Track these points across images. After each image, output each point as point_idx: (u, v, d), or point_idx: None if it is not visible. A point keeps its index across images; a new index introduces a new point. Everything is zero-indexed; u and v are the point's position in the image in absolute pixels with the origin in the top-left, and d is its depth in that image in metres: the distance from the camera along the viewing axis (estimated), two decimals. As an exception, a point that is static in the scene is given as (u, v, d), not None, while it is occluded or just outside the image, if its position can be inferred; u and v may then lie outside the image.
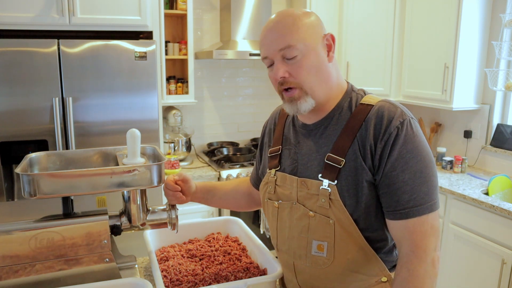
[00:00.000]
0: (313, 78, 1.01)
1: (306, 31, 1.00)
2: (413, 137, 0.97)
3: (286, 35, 0.99)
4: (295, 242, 1.09)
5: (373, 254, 1.04)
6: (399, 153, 0.96)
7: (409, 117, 0.99)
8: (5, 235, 1.12)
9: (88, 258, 1.19)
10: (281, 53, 1.00)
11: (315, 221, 1.04)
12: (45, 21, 2.27)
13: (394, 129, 0.96)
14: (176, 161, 2.88)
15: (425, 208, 0.95)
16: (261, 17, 3.13)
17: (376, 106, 1.01)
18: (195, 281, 1.19)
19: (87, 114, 2.35)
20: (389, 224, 1.00)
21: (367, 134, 0.98)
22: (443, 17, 2.76)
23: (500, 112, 2.89)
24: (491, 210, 2.28)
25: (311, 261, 1.07)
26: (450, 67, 2.74)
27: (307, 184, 1.05)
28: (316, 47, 1.01)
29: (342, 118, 1.04)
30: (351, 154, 0.99)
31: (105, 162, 1.32)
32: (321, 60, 1.02)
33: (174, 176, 1.31)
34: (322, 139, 1.06)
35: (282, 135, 1.18)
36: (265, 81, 3.56)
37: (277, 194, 1.14)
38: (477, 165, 3.00)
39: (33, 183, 1.04)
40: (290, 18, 1.00)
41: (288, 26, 0.99)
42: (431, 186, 0.97)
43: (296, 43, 0.98)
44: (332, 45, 1.04)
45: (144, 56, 2.39)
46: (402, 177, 0.96)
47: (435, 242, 0.96)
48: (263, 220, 2.93)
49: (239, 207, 1.45)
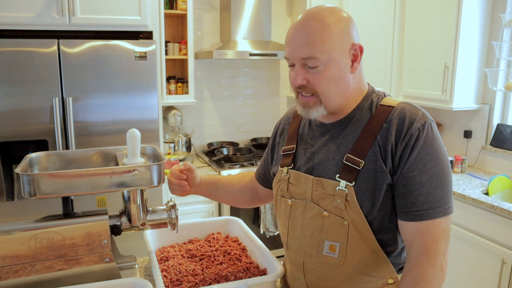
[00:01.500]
0: (331, 89, 1.00)
1: (333, 43, 0.97)
2: (433, 140, 0.97)
3: (311, 46, 0.96)
4: (307, 241, 1.09)
5: (383, 257, 1.04)
6: (418, 155, 0.96)
7: (430, 120, 0.99)
8: (5, 235, 1.12)
9: (88, 258, 1.19)
10: (302, 61, 0.99)
11: (329, 221, 1.04)
12: (45, 21, 2.27)
13: (415, 131, 0.96)
14: (176, 161, 2.88)
15: (439, 211, 0.95)
16: (261, 17, 3.13)
17: (397, 108, 1.01)
18: (195, 281, 1.19)
19: (87, 114, 2.35)
20: (401, 225, 1.00)
21: (388, 135, 0.98)
22: (443, 17, 2.76)
23: (500, 112, 2.89)
24: (491, 210, 2.28)
25: (321, 261, 1.07)
26: (450, 67, 2.74)
27: (323, 184, 1.04)
28: (340, 58, 0.99)
29: (362, 119, 1.04)
30: (371, 156, 0.99)
31: (105, 162, 1.32)
32: (343, 72, 1.00)
33: (179, 165, 1.30)
34: (340, 139, 1.05)
35: (297, 134, 1.17)
36: (265, 81, 3.56)
37: (290, 192, 1.13)
38: (477, 165, 3.00)
39: (33, 183, 1.04)
40: (318, 25, 0.96)
41: (315, 35, 0.96)
42: (447, 190, 0.97)
43: (320, 55, 0.96)
44: (358, 56, 1.02)
45: (144, 56, 2.39)
46: (419, 179, 0.96)
47: (446, 247, 0.96)
48: (263, 220, 2.93)
49: (243, 203, 1.44)
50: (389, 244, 1.04)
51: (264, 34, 3.17)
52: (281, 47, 3.07)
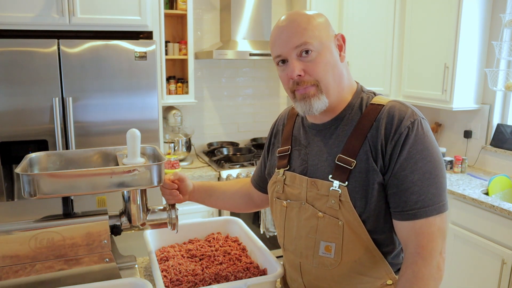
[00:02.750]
0: (328, 76, 1.01)
1: (320, 30, 1.01)
2: (424, 138, 0.96)
3: (302, 33, 0.99)
4: (303, 242, 1.09)
5: (380, 257, 1.04)
6: (409, 153, 0.95)
7: (419, 117, 0.98)
8: (5, 235, 1.12)
9: (88, 258, 1.19)
10: (296, 51, 1.00)
11: (324, 222, 1.04)
12: (45, 21, 2.27)
13: (404, 129, 0.96)
14: (176, 161, 2.88)
15: (433, 209, 0.95)
16: (261, 17, 3.13)
17: (386, 106, 1.01)
18: (195, 281, 1.19)
19: (87, 114, 2.35)
20: (396, 225, 1.00)
21: (378, 134, 0.98)
22: (443, 17, 2.76)
23: (500, 112, 2.89)
24: (491, 210, 2.28)
25: (318, 261, 1.07)
26: (450, 67, 2.74)
27: (317, 184, 1.05)
28: (329, 45, 1.02)
29: (353, 119, 1.04)
30: (362, 155, 0.99)
31: (105, 162, 1.32)
32: (335, 59, 1.03)
33: (170, 176, 1.31)
34: (332, 140, 1.05)
35: (291, 136, 1.17)
36: (265, 81, 3.56)
37: (286, 194, 1.13)
38: (477, 165, 3.00)
39: (33, 183, 1.04)
40: (303, 17, 1.01)
41: (303, 25, 1.00)
42: (440, 188, 0.96)
43: (312, 40, 0.99)
44: (343, 45, 1.05)
45: (144, 56, 2.39)
46: (411, 178, 0.95)
47: (442, 245, 0.96)
48: (263, 220, 2.93)
49: (237, 208, 1.45)
50: (385, 244, 1.04)
51: (264, 34, 3.16)
52: (281, 47, 3.06)
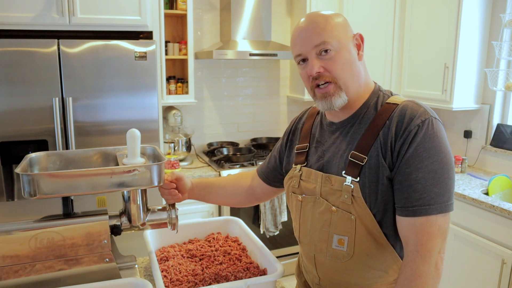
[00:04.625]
0: (347, 73, 1.05)
1: (339, 30, 1.05)
2: (433, 137, 0.97)
3: (321, 33, 1.03)
4: (317, 235, 1.12)
5: (391, 252, 1.06)
6: (415, 151, 0.97)
7: (432, 117, 1.00)
8: (5, 235, 1.12)
9: (88, 258, 1.19)
10: (316, 50, 1.04)
11: (337, 216, 1.07)
12: (45, 21, 2.27)
13: (414, 127, 0.98)
14: (176, 161, 2.88)
15: (434, 208, 0.96)
16: (261, 17, 3.13)
17: (400, 105, 1.03)
18: (195, 281, 1.19)
19: (87, 114, 2.35)
20: (398, 220, 1.01)
21: (389, 132, 1.01)
22: (443, 17, 2.76)
23: (500, 112, 2.89)
24: (491, 210, 2.28)
25: (331, 254, 1.10)
26: (450, 67, 2.74)
27: (331, 180, 1.08)
28: (347, 44, 1.06)
29: (368, 117, 1.07)
30: (373, 152, 1.02)
31: (105, 162, 1.32)
32: (353, 57, 1.06)
33: (167, 177, 1.31)
34: (348, 137, 1.09)
35: (310, 134, 1.21)
36: (265, 81, 3.56)
37: (301, 188, 1.16)
38: (477, 165, 3.00)
39: (33, 183, 1.04)
40: (322, 18, 1.05)
41: (321, 25, 1.04)
42: (445, 188, 0.97)
43: (331, 40, 1.03)
44: (361, 44, 1.09)
45: (144, 56, 2.39)
46: (415, 175, 0.96)
47: (441, 244, 0.97)
48: (263, 220, 2.93)
49: (238, 203, 1.46)
50: (396, 238, 1.06)
51: (264, 34, 3.17)
52: (281, 47, 3.07)
